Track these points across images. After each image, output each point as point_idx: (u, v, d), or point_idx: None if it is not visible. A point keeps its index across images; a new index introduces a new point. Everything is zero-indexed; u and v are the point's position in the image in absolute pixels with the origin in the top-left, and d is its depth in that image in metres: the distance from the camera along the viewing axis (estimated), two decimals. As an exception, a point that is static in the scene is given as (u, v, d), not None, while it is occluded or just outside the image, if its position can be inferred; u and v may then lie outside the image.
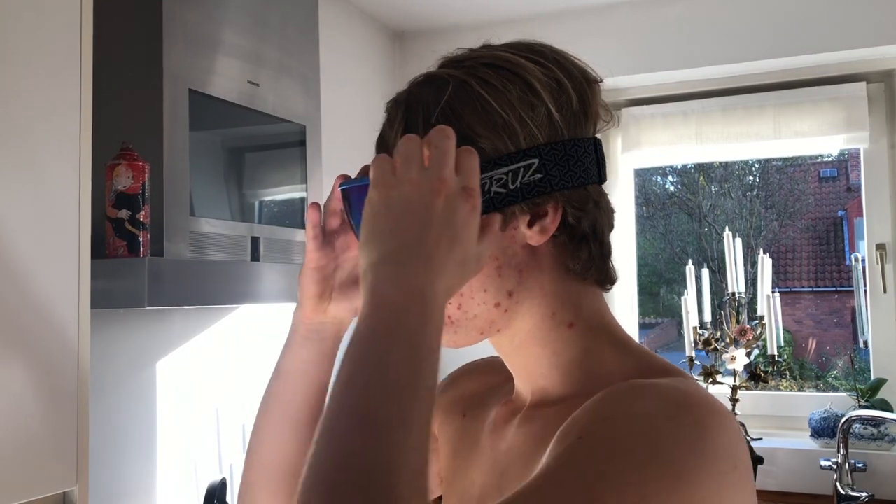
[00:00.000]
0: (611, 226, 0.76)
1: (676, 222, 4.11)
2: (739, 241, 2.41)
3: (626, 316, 2.80)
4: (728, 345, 2.34)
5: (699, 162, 3.43)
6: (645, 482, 0.53)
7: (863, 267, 2.52)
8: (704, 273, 2.48)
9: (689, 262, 2.48)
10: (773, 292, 2.37)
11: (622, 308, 2.80)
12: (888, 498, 2.20)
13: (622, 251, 2.80)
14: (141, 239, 1.40)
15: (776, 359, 2.30)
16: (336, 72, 2.39)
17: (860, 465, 2.16)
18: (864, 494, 2.13)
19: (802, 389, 3.08)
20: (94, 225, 1.17)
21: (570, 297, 0.72)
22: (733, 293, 2.38)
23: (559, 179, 0.69)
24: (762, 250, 2.43)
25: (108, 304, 1.32)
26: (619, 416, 0.58)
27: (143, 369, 1.80)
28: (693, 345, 2.40)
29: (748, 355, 2.31)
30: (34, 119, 1.07)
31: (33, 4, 1.07)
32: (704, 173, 4.03)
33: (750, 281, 2.62)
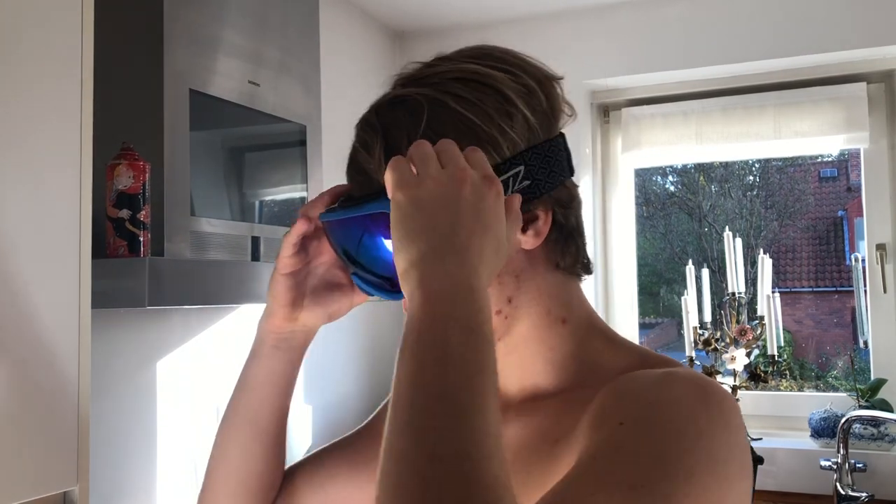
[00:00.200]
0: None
1: (676, 222, 4.11)
2: (739, 241, 2.41)
3: (626, 316, 2.80)
4: (728, 345, 2.34)
5: (699, 162, 3.43)
6: (692, 461, 0.57)
7: (863, 267, 2.52)
8: (704, 273, 2.48)
9: (690, 262, 2.48)
10: (773, 292, 2.37)
11: (622, 308, 2.80)
12: (888, 498, 2.21)
13: (622, 251, 2.81)
14: (141, 239, 1.40)
15: (776, 359, 2.30)
16: (336, 72, 2.39)
17: (860, 466, 2.16)
18: (864, 494, 2.13)
19: (802, 389, 3.08)
20: (95, 225, 1.17)
21: (562, 294, 0.74)
22: (733, 293, 2.38)
23: (545, 182, 0.71)
24: (762, 250, 2.43)
25: (109, 304, 1.32)
26: (663, 402, 0.61)
27: (143, 369, 1.80)
28: (693, 345, 2.40)
29: (748, 355, 2.31)
30: (35, 119, 1.07)
31: (34, 4, 1.07)
32: (704, 173, 4.03)
33: (750, 281, 2.62)
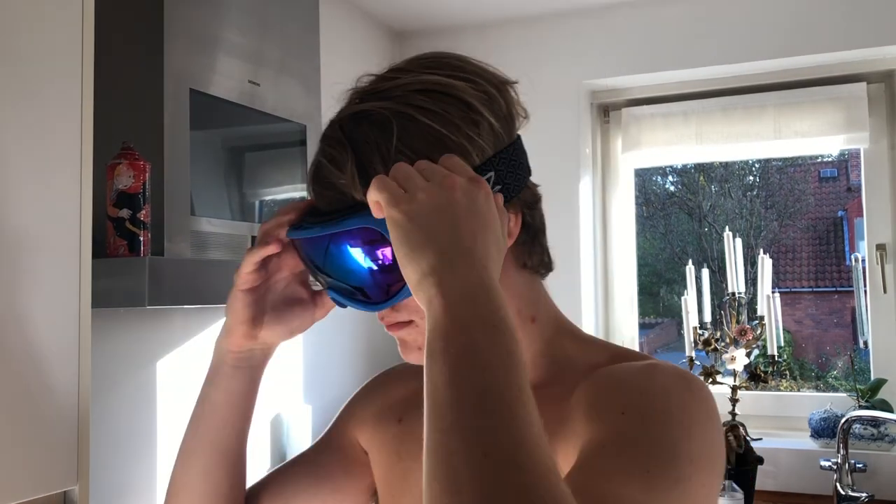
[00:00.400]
0: None
1: (676, 222, 4.11)
2: (739, 241, 2.40)
3: (626, 316, 2.80)
4: (728, 345, 2.34)
5: (699, 162, 3.43)
6: (691, 446, 0.62)
7: (863, 267, 2.52)
8: (704, 273, 2.48)
9: (689, 262, 2.48)
10: (773, 292, 2.37)
11: (622, 308, 2.80)
12: (888, 498, 2.21)
13: (622, 251, 2.81)
14: (142, 238, 1.40)
15: (776, 359, 2.30)
16: (336, 72, 2.39)
17: (860, 466, 2.16)
18: (864, 495, 2.13)
19: (802, 389, 3.08)
20: (95, 224, 1.17)
21: (530, 293, 0.77)
22: (733, 293, 2.38)
23: (513, 185, 0.73)
24: (762, 250, 2.43)
25: (109, 304, 1.32)
26: (656, 392, 0.66)
27: (143, 369, 1.80)
28: (693, 345, 2.40)
29: (748, 355, 2.31)
30: (35, 119, 1.07)
31: (34, 4, 1.07)
32: (704, 173, 4.03)
33: (750, 281, 2.62)
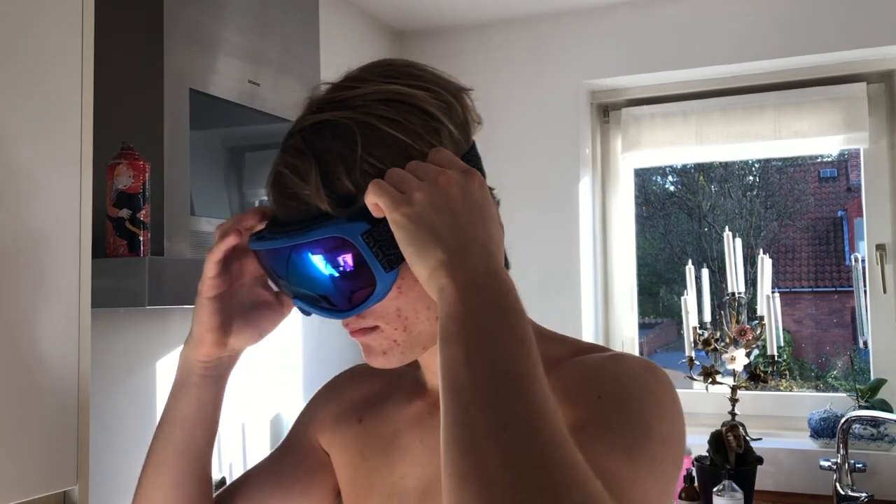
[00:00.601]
0: None
1: (676, 222, 4.11)
2: (739, 241, 2.40)
3: (626, 316, 2.80)
4: (728, 345, 2.34)
5: (699, 162, 3.43)
6: (663, 427, 0.67)
7: (862, 267, 2.52)
8: (704, 273, 2.48)
9: (689, 262, 2.48)
10: (773, 292, 2.37)
11: (622, 308, 2.80)
12: (888, 498, 2.21)
13: (622, 251, 2.81)
14: (141, 238, 1.40)
15: (776, 359, 2.30)
16: (336, 72, 2.38)
17: (860, 466, 2.16)
18: (864, 495, 2.13)
19: (802, 389, 3.08)
20: (95, 224, 1.17)
21: None
22: (733, 293, 2.38)
23: None
24: (762, 250, 2.42)
25: (109, 304, 1.32)
26: (627, 378, 0.70)
27: (143, 369, 1.80)
28: (693, 345, 2.40)
29: (748, 355, 2.31)
30: (35, 119, 1.07)
31: (34, 5, 1.08)
32: (704, 173, 4.03)
33: (750, 281, 2.62)
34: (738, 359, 2.29)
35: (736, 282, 2.38)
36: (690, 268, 2.45)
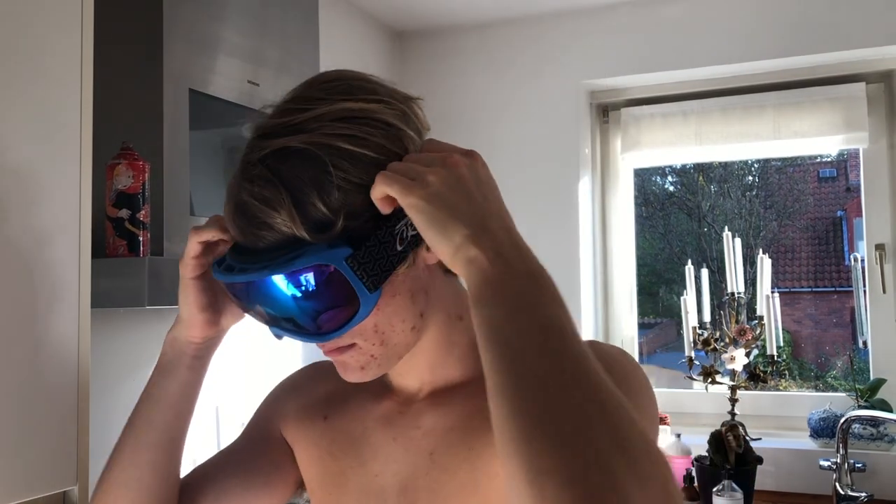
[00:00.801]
0: None
1: (676, 222, 4.10)
2: (739, 241, 2.40)
3: (626, 316, 2.80)
4: (727, 345, 2.34)
5: (698, 162, 3.43)
6: (651, 407, 0.73)
7: (862, 267, 2.52)
8: (704, 273, 2.48)
9: (689, 262, 2.48)
10: (773, 292, 2.37)
11: (621, 308, 2.80)
12: (888, 498, 2.21)
13: (621, 251, 2.81)
14: (141, 238, 1.40)
15: (775, 359, 2.30)
16: (336, 71, 2.39)
17: (859, 466, 2.16)
18: (864, 494, 2.13)
19: (801, 389, 3.08)
20: (95, 224, 1.17)
21: (453, 294, 0.79)
22: (732, 293, 2.38)
23: None
24: (761, 250, 2.43)
25: (109, 304, 1.32)
26: (613, 360, 0.72)
27: (143, 369, 1.79)
28: (692, 345, 2.40)
29: (747, 355, 2.31)
30: (35, 118, 1.07)
31: (34, 5, 1.07)
32: (704, 173, 4.02)
33: (749, 281, 2.62)
34: (738, 359, 2.29)
35: (735, 282, 2.38)
36: (690, 268, 2.45)
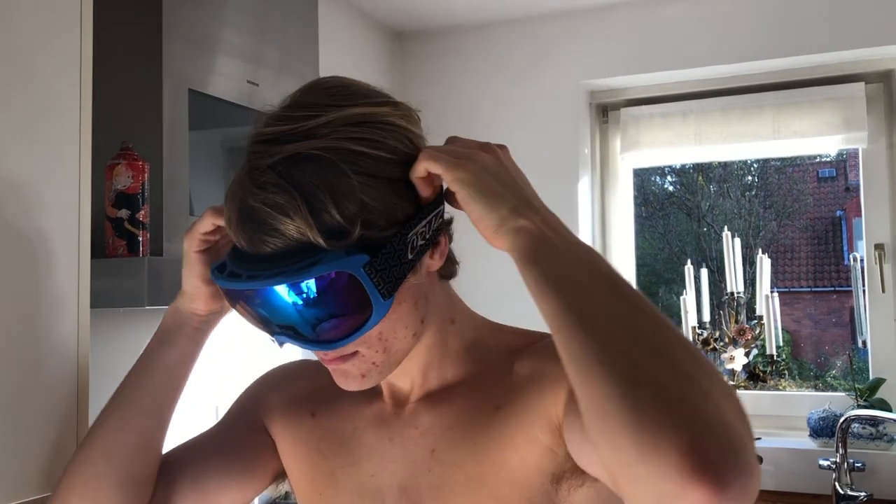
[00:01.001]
0: None
1: (675, 222, 4.11)
2: (738, 241, 2.41)
3: (625, 316, 2.80)
4: (727, 344, 2.34)
5: (698, 162, 3.44)
6: None
7: (861, 267, 2.52)
8: (703, 273, 2.49)
9: (688, 262, 2.48)
10: (772, 292, 2.37)
11: (621, 308, 2.80)
12: (887, 497, 2.21)
13: (621, 251, 2.81)
14: (140, 238, 1.40)
15: (775, 358, 2.30)
16: (336, 72, 2.38)
17: (859, 465, 2.16)
18: (863, 494, 2.13)
19: (801, 389, 3.08)
20: (94, 224, 1.17)
21: (448, 298, 0.81)
22: (732, 293, 2.39)
23: (439, 200, 0.75)
24: (761, 250, 2.43)
25: (108, 304, 1.32)
26: None
27: (143, 369, 1.79)
28: (692, 344, 2.40)
29: (747, 355, 2.32)
30: (34, 119, 1.07)
31: (34, 5, 1.08)
32: (703, 173, 4.03)
33: (749, 281, 2.62)
34: (738, 358, 2.29)
35: (735, 282, 2.39)
36: (689, 268, 2.46)
